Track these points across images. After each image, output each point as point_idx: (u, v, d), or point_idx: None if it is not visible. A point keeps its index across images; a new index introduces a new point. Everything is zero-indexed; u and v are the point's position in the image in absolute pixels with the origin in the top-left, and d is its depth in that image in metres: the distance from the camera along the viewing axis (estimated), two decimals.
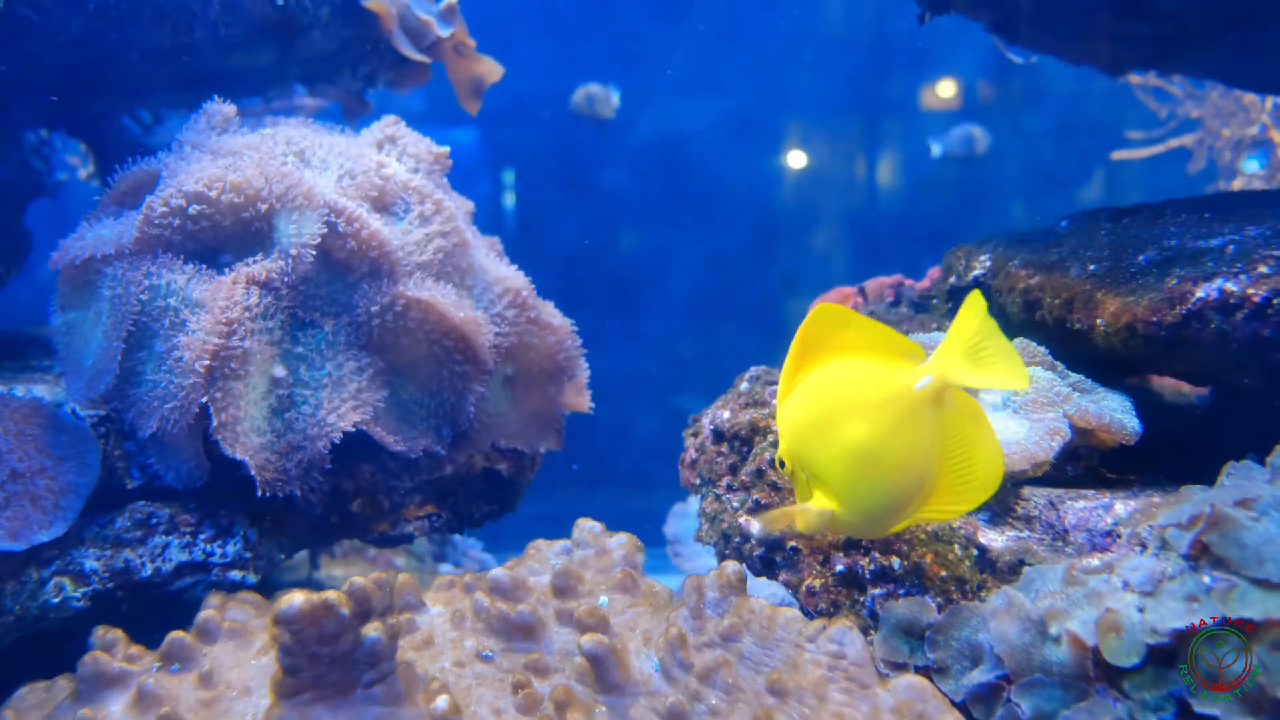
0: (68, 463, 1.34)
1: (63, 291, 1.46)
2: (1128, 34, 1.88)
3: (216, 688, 1.11)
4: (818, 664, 1.08)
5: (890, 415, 0.95)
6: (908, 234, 4.82)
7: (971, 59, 4.80)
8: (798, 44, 5.05)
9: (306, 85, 2.30)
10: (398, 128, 1.69)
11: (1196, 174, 3.69)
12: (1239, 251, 1.22)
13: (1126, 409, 1.25)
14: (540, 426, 1.74)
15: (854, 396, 0.97)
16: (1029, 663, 1.01)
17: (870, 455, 0.96)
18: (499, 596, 1.20)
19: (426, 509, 1.64)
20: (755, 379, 1.64)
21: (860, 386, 0.97)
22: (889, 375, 0.95)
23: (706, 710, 1.05)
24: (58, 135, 2.49)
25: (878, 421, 0.95)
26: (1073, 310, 1.34)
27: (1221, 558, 0.96)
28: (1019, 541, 1.16)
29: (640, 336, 4.69)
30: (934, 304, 1.89)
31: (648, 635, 1.16)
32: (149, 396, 1.34)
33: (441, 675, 1.11)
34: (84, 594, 1.32)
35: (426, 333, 1.48)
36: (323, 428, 1.39)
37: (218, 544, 1.41)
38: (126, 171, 1.55)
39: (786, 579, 1.30)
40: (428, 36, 2.12)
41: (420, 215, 1.55)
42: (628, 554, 1.28)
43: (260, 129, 1.61)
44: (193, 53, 1.80)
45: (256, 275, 1.36)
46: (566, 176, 4.88)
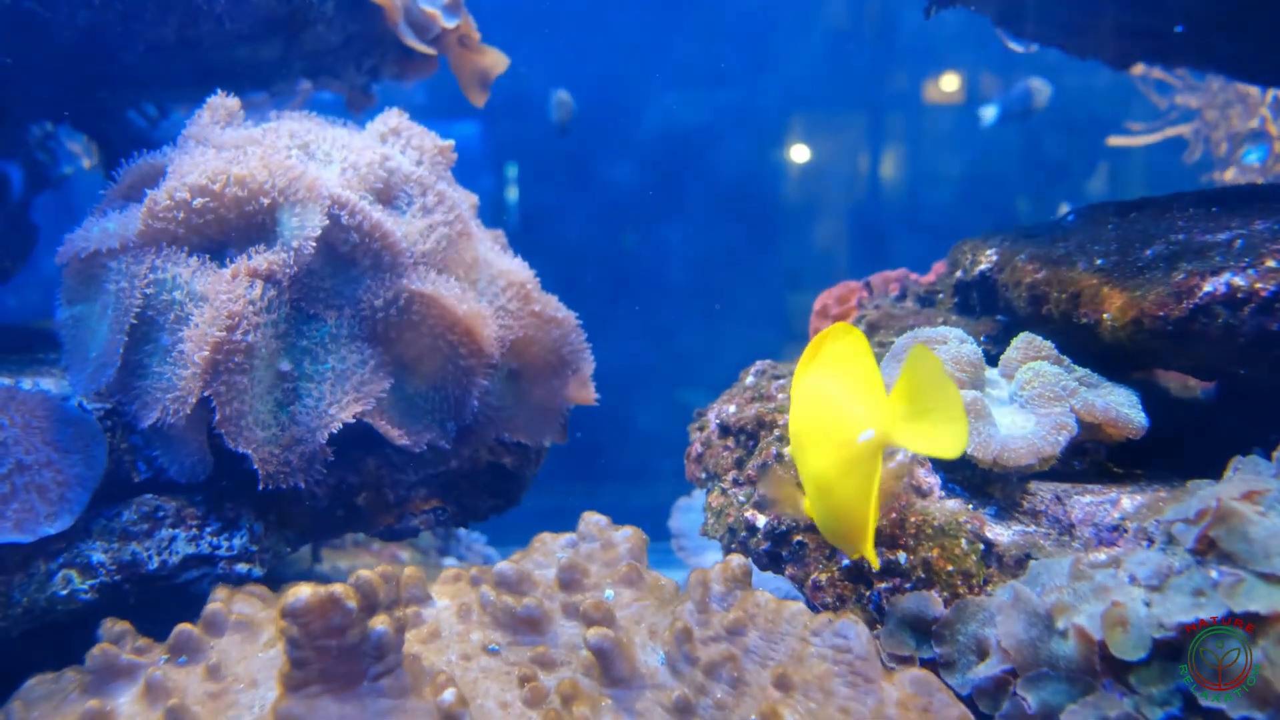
0: (74, 455, 1.34)
1: (68, 285, 1.46)
2: (1133, 26, 1.88)
3: (224, 680, 1.11)
4: (823, 658, 1.09)
5: (840, 458, 0.99)
6: (911, 228, 4.82)
7: (975, 52, 4.79)
8: (801, 37, 5.04)
9: (311, 79, 2.30)
10: (402, 120, 1.68)
11: (1193, 166, 3.69)
12: (1246, 246, 1.21)
13: (1133, 403, 1.25)
14: (544, 420, 1.74)
15: (822, 429, 1.03)
16: (1035, 657, 1.01)
17: (826, 487, 1.03)
18: (505, 590, 1.21)
19: (431, 503, 1.64)
20: (761, 373, 1.64)
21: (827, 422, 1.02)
22: (846, 420, 0.99)
23: (712, 704, 1.05)
24: (63, 129, 2.49)
25: (832, 460, 1.00)
26: (1079, 304, 1.33)
27: (1228, 552, 0.96)
28: (1025, 536, 1.16)
29: (643, 331, 4.69)
30: (940, 299, 1.89)
31: (653, 629, 1.16)
32: (153, 389, 1.35)
33: (448, 668, 1.11)
34: (91, 586, 1.33)
35: (430, 326, 1.48)
36: (323, 419, 1.39)
37: (224, 537, 1.42)
38: (131, 165, 1.55)
39: (792, 573, 1.31)
40: (432, 29, 2.11)
41: (424, 208, 1.55)
42: (633, 548, 1.28)
43: (264, 122, 1.61)
44: (198, 46, 1.80)
45: (259, 268, 1.36)
46: (569, 170, 4.87)
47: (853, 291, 2.12)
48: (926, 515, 1.21)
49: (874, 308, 1.91)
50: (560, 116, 3.97)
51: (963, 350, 1.31)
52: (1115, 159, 4.45)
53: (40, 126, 2.39)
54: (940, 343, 1.36)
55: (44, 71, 1.81)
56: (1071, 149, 4.82)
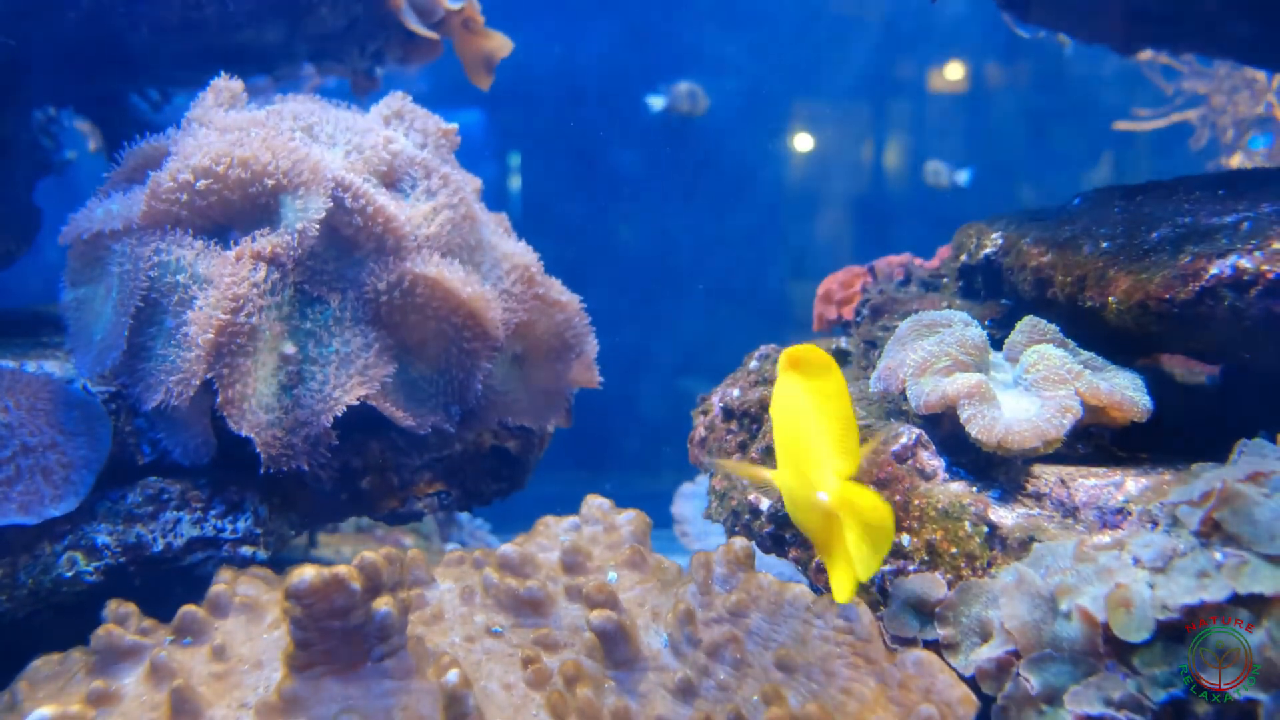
0: (79, 438, 1.35)
1: (72, 267, 1.46)
2: (1139, 10, 1.86)
3: (228, 661, 1.12)
4: (826, 639, 1.09)
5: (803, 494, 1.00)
6: (914, 215, 4.80)
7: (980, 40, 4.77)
8: (806, 24, 5.02)
9: (315, 62, 2.29)
10: (405, 103, 1.68)
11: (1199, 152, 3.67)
12: (1253, 228, 1.21)
13: (1138, 386, 1.24)
14: (548, 404, 1.74)
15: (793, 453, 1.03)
16: (1039, 638, 1.01)
17: (794, 504, 1.04)
18: (508, 572, 1.21)
19: (436, 486, 1.64)
20: (765, 357, 1.64)
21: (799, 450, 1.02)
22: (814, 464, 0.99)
23: (715, 685, 1.06)
24: (66, 113, 2.49)
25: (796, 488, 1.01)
26: (1085, 288, 1.33)
27: (1233, 534, 0.96)
28: (1029, 518, 1.16)
29: (646, 318, 4.68)
30: (944, 283, 1.88)
31: (656, 611, 1.16)
32: (156, 371, 1.35)
33: (451, 650, 1.12)
34: (96, 568, 1.33)
35: (434, 309, 1.48)
36: (328, 402, 1.39)
37: (229, 520, 1.42)
38: (135, 148, 1.55)
39: (796, 556, 1.31)
40: (436, 12, 2.11)
41: (427, 190, 1.55)
42: (636, 530, 1.28)
43: (269, 105, 1.60)
44: (201, 29, 1.80)
45: (263, 251, 1.36)
46: (573, 156, 4.86)
47: (856, 276, 2.11)
48: (930, 498, 1.21)
49: (878, 292, 1.91)
50: (686, 109, 3.89)
51: (967, 333, 1.31)
52: (1120, 147, 4.43)
53: (43, 111, 2.39)
54: (945, 325, 1.36)
55: (48, 55, 1.81)
56: (1077, 136, 4.80)
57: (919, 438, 1.27)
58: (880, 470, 1.26)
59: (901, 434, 1.27)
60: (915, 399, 1.26)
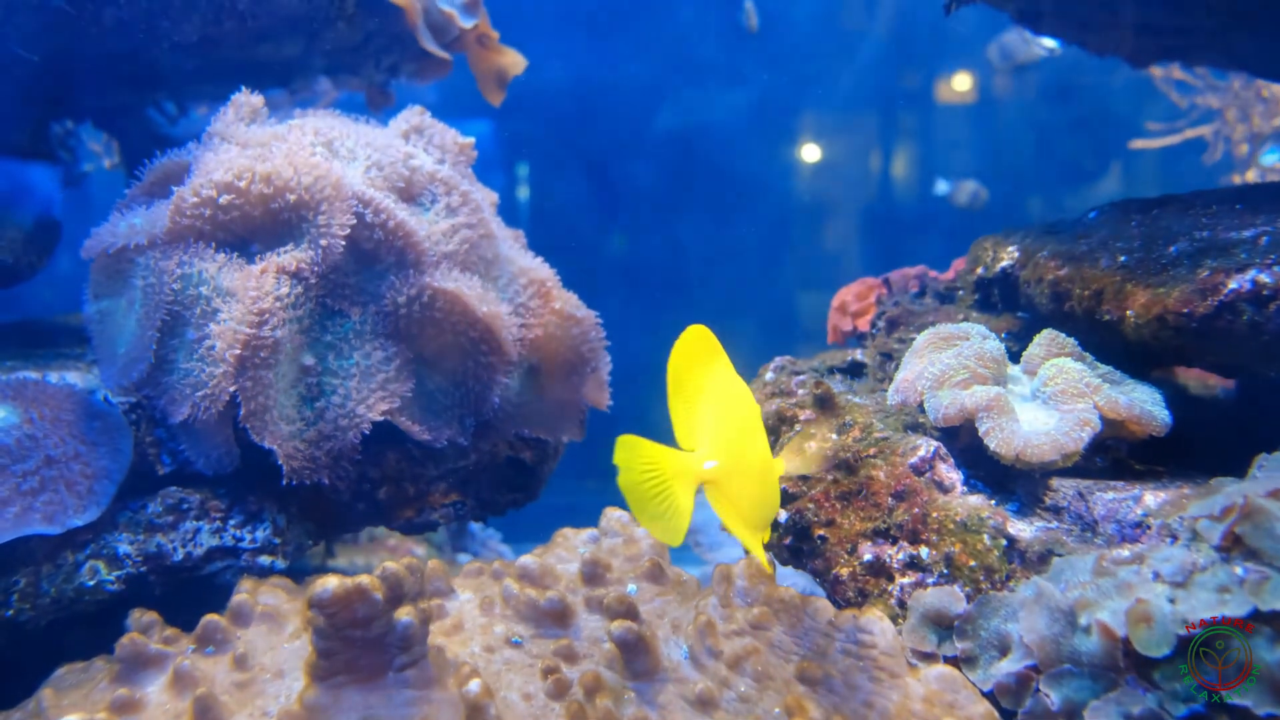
0: (101, 448, 1.36)
1: (96, 280, 1.48)
2: (1152, 23, 1.87)
3: (251, 670, 1.12)
4: (847, 653, 1.09)
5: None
6: (923, 226, 4.81)
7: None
8: (816, 37, 5.03)
9: (330, 77, 2.31)
10: (424, 118, 1.69)
11: (1213, 166, 3.67)
12: (1272, 243, 1.21)
13: (1156, 400, 1.25)
14: (563, 416, 1.75)
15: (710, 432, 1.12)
16: (1058, 653, 1.01)
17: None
18: (528, 583, 1.21)
19: (451, 496, 1.65)
20: (780, 369, 1.64)
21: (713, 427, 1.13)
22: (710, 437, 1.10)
23: (736, 697, 1.06)
24: (83, 127, 2.51)
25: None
26: (1102, 301, 1.33)
27: (1254, 549, 0.96)
28: (1048, 532, 1.16)
29: (658, 329, 4.67)
30: (960, 295, 1.89)
31: (676, 623, 1.17)
32: (181, 384, 1.36)
33: (472, 660, 1.12)
34: (118, 577, 1.34)
35: (452, 324, 1.49)
36: (353, 419, 1.40)
37: (247, 529, 1.43)
38: (156, 163, 1.56)
39: (814, 568, 1.31)
40: (451, 30, 2.12)
41: (447, 206, 1.56)
42: (655, 543, 1.29)
43: (288, 120, 1.62)
44: (221, 44, 1.82)
45: (287, 265, 1.37)
46: (584, 169, 4.87)
47: (871, 288, 2.12)
48: (949, 510, 1.21)
49: (893, 304, 1.91)
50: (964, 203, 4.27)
51: (985, 346, 1.31)
52: (1131, 159, 4.43)
53: (61, 124, 2.41)
54: (962, 338, 1.36)
55: (69, 69, 1.83)
56: (1086, 148, 4.80)
57: (937, 450, 1.27)
58: (898, 483, 1.26)
59: (919, 446, 1.27)
60: (933, 411, 1.27)
